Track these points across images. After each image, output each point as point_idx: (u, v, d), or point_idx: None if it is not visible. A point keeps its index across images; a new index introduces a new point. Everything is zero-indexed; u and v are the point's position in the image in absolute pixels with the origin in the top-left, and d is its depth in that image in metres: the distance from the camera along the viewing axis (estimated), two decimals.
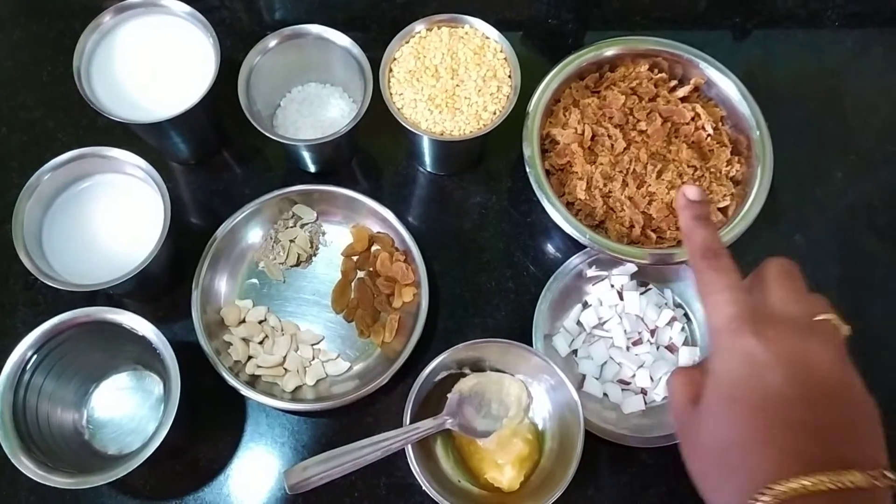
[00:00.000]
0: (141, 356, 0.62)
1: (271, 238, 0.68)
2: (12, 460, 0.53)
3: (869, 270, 0.71)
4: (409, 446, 0.58)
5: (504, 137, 0.66)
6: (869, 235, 0.72)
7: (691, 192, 0.49)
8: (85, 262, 0.60)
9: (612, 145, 0.66)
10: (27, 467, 0.53)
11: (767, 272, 0.46)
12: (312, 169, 0.71)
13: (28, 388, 0.55)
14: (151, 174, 0.60)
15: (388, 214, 0.67)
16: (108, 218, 0.62)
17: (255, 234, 0.68)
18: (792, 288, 0.45)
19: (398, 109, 0.63)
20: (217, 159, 0.73)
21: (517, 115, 0.65)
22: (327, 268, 0.69)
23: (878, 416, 0.43)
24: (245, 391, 0.61)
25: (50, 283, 0.56)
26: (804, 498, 0.36)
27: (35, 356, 0.56)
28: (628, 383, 0.64)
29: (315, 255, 0.69)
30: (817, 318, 0.43)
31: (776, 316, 0.43)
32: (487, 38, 0.65)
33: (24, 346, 0.55)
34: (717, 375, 0.42)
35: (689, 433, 0.43)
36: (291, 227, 0.69)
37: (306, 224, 0.69)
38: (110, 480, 0.54)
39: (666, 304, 0.67)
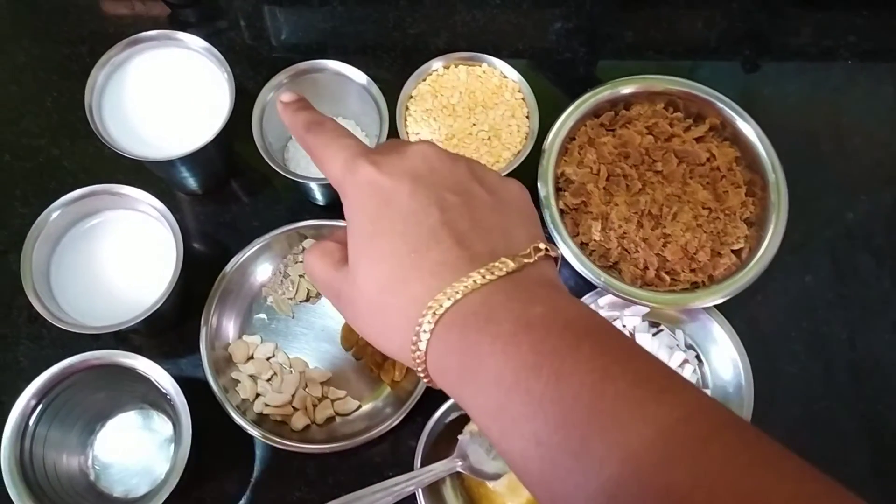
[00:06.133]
0: (147, 395, 0.61)
1: (280, 273, 0.68)
2: None
3: (882, 312, 0.71)
4: (420, 490, 0.58)
5: (515, 173, 0.65)
6: (881, 279, 0.72)
7: (285, 96, 0.47)
8: (93, 300, 0.59)
9: (628, 185, 0.66)
10: None
11: None
12: (322, 202, 0.70)
13: (34, 436, 0.54)
14: (163, 212, 0.59)
15: None
16: (118, 255, 0.61)
17: (264, 270, 0.67)
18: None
19: None
20: (225, 190, 0.72)
21: (531, 153, 0.64)
22: None
23: (525, 198, 0.41)
24: (253, 431, 0.60)
25: (60, 326, 0.55)
26: (467, 303, 0.34)
27: (42, 402, 0.55)
28: None
29: None
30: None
31: (385, 147, 0.41)
32: (505, 77, 0.64)
33: (28, 394, 0.54)
34: (353, 222, 0.38)
35: (347, 294, 0.39)
36: (301, 261, 0.68)
37: None
38: None
39: (677, 345, 0.67)
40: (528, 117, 0.64)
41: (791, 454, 0.29)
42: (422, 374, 0.36)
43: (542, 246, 0.37)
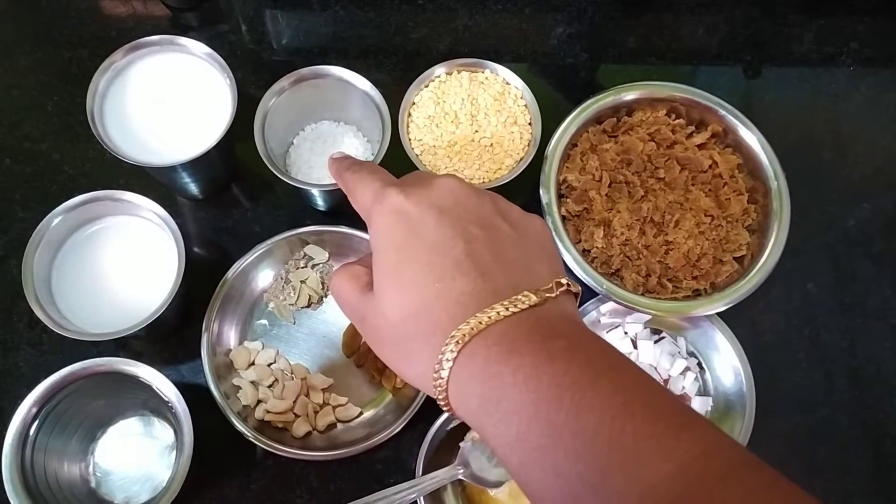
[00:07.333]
0: (148, 402, 0.61)
1: (282, 278, 0.67)
2: None
3: (883, 319, 0.71)
4: (422, 497, 0.58)
5: (517, 180, 0.65)
6: (882, 286, 0.72)
7: (337, 154, 0.50)
8: (95, 306, 0.59)
9: (630, 192, 0.66)
10: None
11: None
12: (323, 207, 0.70)
13: (35, 444, 0.54)
14: (165, 218, 0.58)
15: None
16: (119, 261, 0.60)
17: (265, 275, 0.67)
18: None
19: (417, 156, 0.62)
20: (227, 195, 0.71)
21: (534, 160, 0.64)
22: (338, 310, 0.67)
23: (547, 235, 0.42)
24: (254, 438, 0.60)
25: (61, 332, 0.55)
26: (489, 334, 0.35)
27: (43, 410, 0.54)
28: None
29: (326, 296, 0.68)
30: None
31: (412, 178, 0.43)
32: (508, 83, 0.64)
33: (29, 402, 0.54)
34: (378, 249, 0.40)
35: (371, 320, 0.40)
36: (303, 267, 0.68)
37: (318, 265, 0.68)
38: None
39: (679, 352, 0.67)
40: (530, 124, 0.63)
41: (809, 496, 0.29)
42: (442, 403, 0.36)
43: (563, 281, 0.38)
